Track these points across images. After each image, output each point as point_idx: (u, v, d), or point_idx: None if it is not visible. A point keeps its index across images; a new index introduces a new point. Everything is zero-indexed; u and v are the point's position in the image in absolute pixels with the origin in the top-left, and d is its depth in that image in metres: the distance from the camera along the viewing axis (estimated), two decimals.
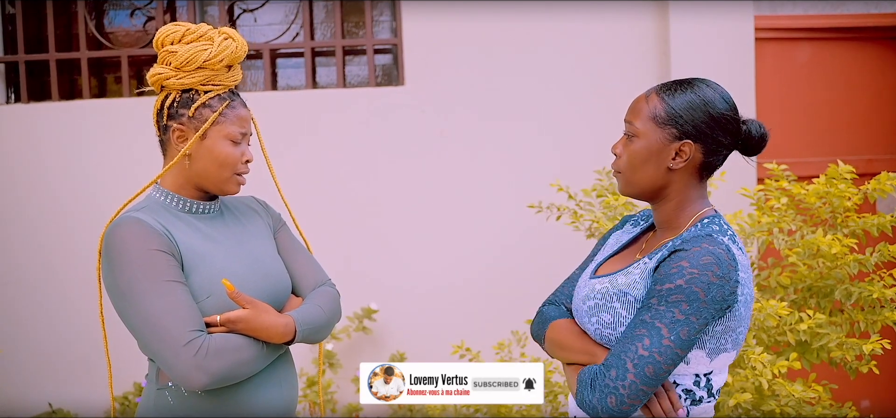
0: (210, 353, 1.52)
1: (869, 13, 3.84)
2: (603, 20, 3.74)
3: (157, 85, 1.69)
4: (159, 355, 1.53)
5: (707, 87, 1.53)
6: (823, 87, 3.89)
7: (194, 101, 1.65)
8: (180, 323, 1.52)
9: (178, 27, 1.67)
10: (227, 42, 1.68)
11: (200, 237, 1.65)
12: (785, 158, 3.68)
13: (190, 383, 1.52)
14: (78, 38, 3.83)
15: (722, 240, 1.46)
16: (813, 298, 2.57)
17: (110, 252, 1.57)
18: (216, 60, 1.65)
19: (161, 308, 1.52)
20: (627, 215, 1.77)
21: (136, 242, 1.55)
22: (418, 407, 3.62)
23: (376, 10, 3.96)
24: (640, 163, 1.52)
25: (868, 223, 2.53)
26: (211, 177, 1.67)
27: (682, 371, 1.49)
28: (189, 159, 1.66)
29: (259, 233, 1.79)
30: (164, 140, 1.70)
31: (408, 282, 3.78)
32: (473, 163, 3.78)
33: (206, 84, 1.66)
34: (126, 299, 1.54)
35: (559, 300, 1.69)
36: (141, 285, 1.53)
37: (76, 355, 3.73)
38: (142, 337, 1.55)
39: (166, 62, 1.66)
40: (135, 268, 1.54)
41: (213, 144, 1.65)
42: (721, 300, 1.42)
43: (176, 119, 1.66)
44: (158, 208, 1.66)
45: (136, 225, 1.57)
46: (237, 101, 1.70)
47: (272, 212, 1.89)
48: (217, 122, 1.65)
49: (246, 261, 1.69)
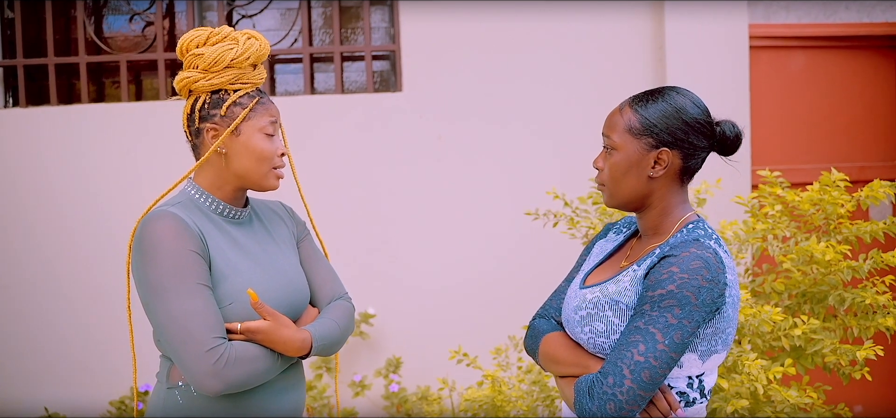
0: (229, 362, 1.54)
1: (862, 22, 3.87)
2: (599, 25, 3.77)
3: (184, 90, 1.70)
4: (179, 355, 1.54)
5: (678, 94, 1.56)
6: (817, 95, 3.92)
7: (225, 100, 1.67)
8: (206, 328, 1.53)
9: (202, 31, 1.69)
10: (252, 41, 1.70)
11: (230, 243, 1.67)
12: (779, 165, 3.71)
13: (204, 388, 1.53)
14: (77, 43, 3.84)
15: (709, 243, 1.50)
16: (807, 304, 2.59)
17: (144, 245, 1.57)
18: (243, 58, 1.67)
19: (189, 309, 1.53)
20: (610, 223, 1.80)
21: (172, 240, 1.55)
22: (418, 407, 3.63)
23: (374, 15, 3.98)
24: (621, 175, 1.56)
25: (861, 230, 2.55)
26: (251, 173, 1.68)
27: (676, 374, 1.51)
28: (227, 159, 1.67)
29: (284, 241, 1.81)
30: (197, 143, 1.70)
31: (405, 287, 3.80)
32: (471, 168, 3.80)
33: (235, 83, 1.68)
34: (156, 294, 1.55)
35: (549, 313, 1.72)
36: (172, 283, 1.53)
37: (73, 359, 3.73)
38: (166, 334, 1.56)
39: (193, 66, 1.68)
40: (169, 264, 1.54)
41: (249, 139, 1.67)
42: (711, 302, 1.45)
43: (208, 120, 1.67)
44: (192, 206, 1.66)
45: (173, 221, 1.57)
46: (266, 98, 1.72)
47: (297, 219, 1.90)
48: (249, 118, 1.67)
49: (270, 272, 1.70)
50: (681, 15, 3.68)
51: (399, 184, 3.79)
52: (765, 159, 3.81)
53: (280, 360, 1.65)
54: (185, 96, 1.72)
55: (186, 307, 1.53)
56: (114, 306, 3.80)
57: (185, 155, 1.79)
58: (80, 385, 3.71)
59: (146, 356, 1.90)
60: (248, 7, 3.94)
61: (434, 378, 3.56)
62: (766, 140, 3.86)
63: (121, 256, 3.85)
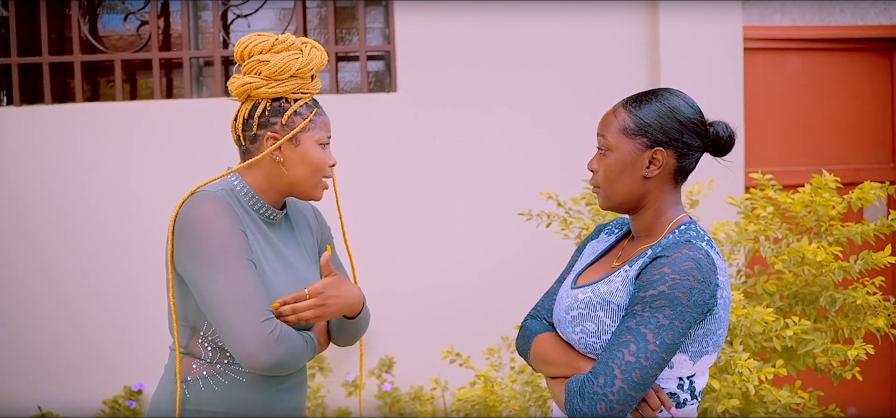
0: (280, 338, 1.55)
1: (857, 24, 3.88)
2: (594, 26, 3.77)
3: (243, 95, 1.69)
4: (234, 327, 1.53)
5: (672, 94, 1.57)
6: (812, 97, 3.93)
7: (286, 108, 1.67)
8: (262, 301, 1.55)
9: (267, 36, 1.68)
10: (315, 51, 1.71)
11: (258, 243, 1.67)
12: (773, 167, 3.72)
13: (255, 360, 1.53)
14: (71, 42, 3.84)
15: (701, 245, 1.50)
16: (798, 305, 2.60)
17: (193, 224, 1.56)
18: (306, 69, 1.68)
19: (246, 281, 1.54)
20: (601, 224, 1.81)
21: (222, 217, 1.56)
22: (411, 407, 3.64)
23: (369, 16, 3.98)
24: (615, 175, 1.56)
25: (852, 231, 2.56)
26: (304, 182, 1.70)
27: (667, 375, 1.51)
28: (284, 167, 1.68)
29: (307, 249, 1.82)
30: (251, 149, 1.70)
31: (398, 286, 3.80)
32: (465, 168, 3.80)
33: (296, 92, 1.69)
34: (212, 267, 1.54)
35: (541, 314, 1.72)
36: (227, 256, 1.54)
37: (67, 358, 3.73)
38: (219, 308, 1.54)
39: (256, 72, 1.67)
40: (221, 240, 1.55)
41: (307, 150, 1.68)
42: (703, 304, 1.45)
43: (268, 127, 1.67)
44: (233, 197, 1.66)
45: (219, 201, 1.58)
46: (322, 109, 1.74)
47: (324, 224, 1.93)
48: (308, 129, 1.68)
49: (292, 278, 1.70)
50: (675, 16, 3.69)
51: (393, 184, 3.79)
52: (759, 161, 3.82)
53: (310, 349, 1.67)
54: (241, 100, 1.71)
55: (243, 278, 1.54)
56: (108, 305, 3.80)
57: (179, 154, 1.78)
58: (73, 384, 3.71)
59: (142, 355, 1.90)
60: (243, 7, 3.94)
61: (427, 378, 3.56)
62: (761, 142, 3.87)
63: (115, 255, 3.87)
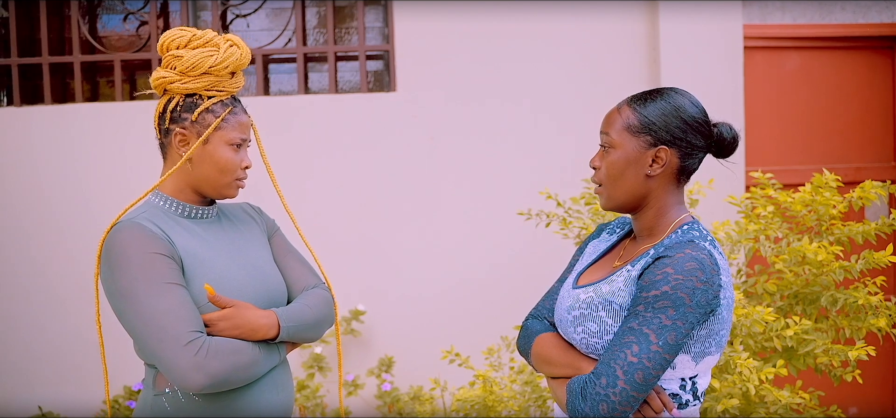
0: (210, 353, 1.52)
1: (857, 23, 3.87)
2: (594, 25, 3.76)
3: (160, 88, 1.69)
4: (159, 355, 1.53)
5: (676, 93, 1.56)
6: (812, 96, 3.92)
7: (197, 105, 1.66)
8: (181, 323, 1.52)
9: (185, 32, 1.67)
10: (233, 49, 1.69)
11: (199, 242, 1.66)
12: (774, 166, 3.71)
13: (189, 383, 1.52)
14: (71, 42, 3.84)
15: (704, 245, 1.49)
16: (799, 305, 2.59)
17: (111, 255, 1.57)
18: (221, 67, 1.66)
19: (161, 308, 1.52)
20: (603, 224, 1.80)
21: (136, 246, 1.55)
22: (410, 407, 3.63)
23: (368, 15, 3.97)
24: (618, 173, 1.55)
25: (853, 231, 2.55)
26: (211, 181, 1.68)
27: (669, 375, 1.50)
28: (191, 163, 1.67)
29: (255, 238, 1.80)
30: (164, 143, 1.70)
31: (397, 286, 3.79)
32: (464, 168, 3.80)
33: (210, 89, 1.67)
34: (127, 300, 1.54)
35: (542, 313, 1.71)
36: (141, 286, 1.53)
37: (67, 358, 3.72)
38: (141, 338, 1.55)
39: (171, 66, 1.67)
40: (136, 270, 1.54)
41: (215, 149, 1.66)
42: (705, 304, 1.44)
43: (178, 123, 1.67)
44: (158, 213, 1.66)
45: (136, 229, 1.58)
46: (239, 108, 1.71)
47: (266, 217, 1.90)
48: (219, 128, 1.66)
49: (245, 268, 1.70)
50: (675, 15, 3.68)
51: (392, 183, 3.79)
52: (759, 160, 3.81)
53: (263, 353, 1.64)
54: (160, 94, 1.71)
55: (159, 307, 1.52)
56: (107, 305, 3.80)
57: None
58: (73, 384, 3.71)
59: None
60: (242, 7, 3.94)
61: (426, 378, 3.56)
62: (761, 141, 3.86)
63: None
